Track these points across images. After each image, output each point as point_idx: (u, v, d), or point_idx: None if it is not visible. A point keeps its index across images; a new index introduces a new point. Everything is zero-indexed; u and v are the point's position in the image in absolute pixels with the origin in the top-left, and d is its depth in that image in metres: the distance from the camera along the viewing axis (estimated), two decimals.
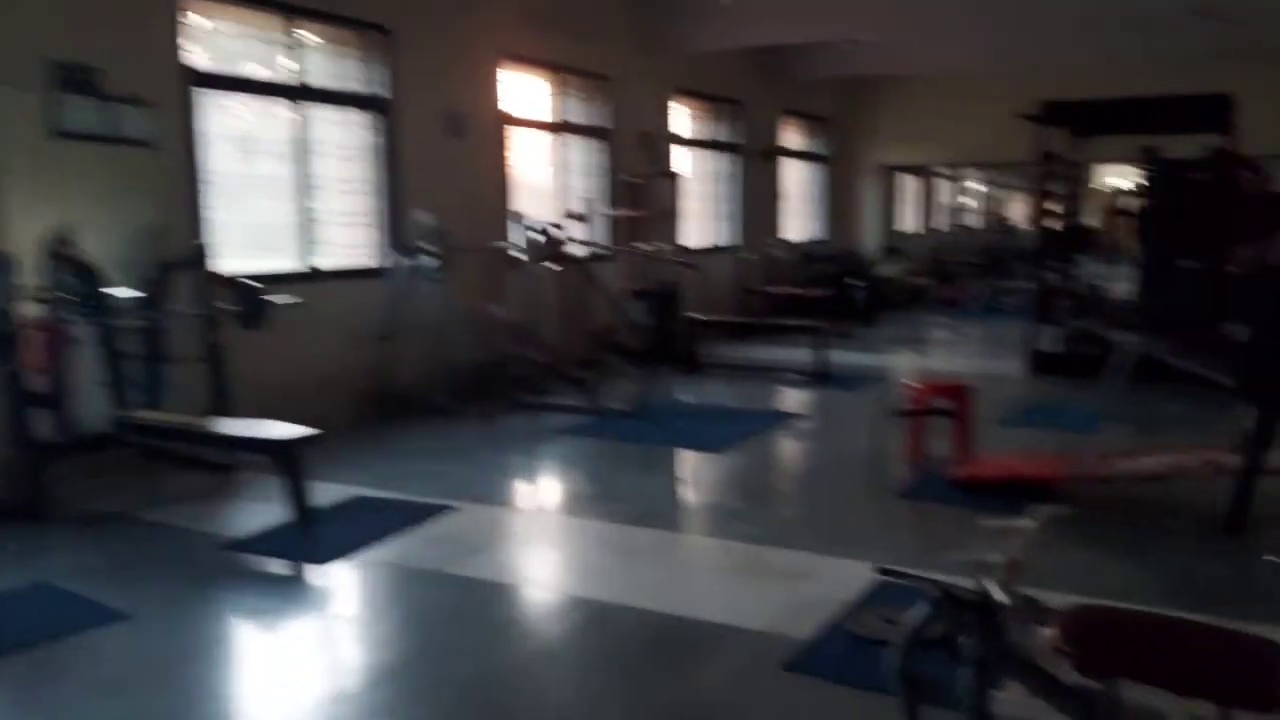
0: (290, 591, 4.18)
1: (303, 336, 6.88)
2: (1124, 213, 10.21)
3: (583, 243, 9.40)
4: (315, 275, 7.20)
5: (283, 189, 7.05)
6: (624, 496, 5.28)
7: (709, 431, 6.77)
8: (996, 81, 14.24)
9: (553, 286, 9.05)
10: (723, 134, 12.64)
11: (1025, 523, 3.30)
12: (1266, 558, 3.21)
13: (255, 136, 6.94)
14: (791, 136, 14.43)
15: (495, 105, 8.75)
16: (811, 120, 14.91)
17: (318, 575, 4.26)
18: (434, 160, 8.08)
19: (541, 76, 9.49)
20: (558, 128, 9.70)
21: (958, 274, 17.35)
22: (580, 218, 9.61)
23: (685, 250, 9.82)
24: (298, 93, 7.04)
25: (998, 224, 24.48)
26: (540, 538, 4.74)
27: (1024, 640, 2.53)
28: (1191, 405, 7.48)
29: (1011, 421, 7.04)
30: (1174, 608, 3.65)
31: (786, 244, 13.83)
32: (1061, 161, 8.85)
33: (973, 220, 25.67)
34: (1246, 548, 4.37)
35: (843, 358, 9.71)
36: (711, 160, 12.52)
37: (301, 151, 7.09)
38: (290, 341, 6.78)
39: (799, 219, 15.00)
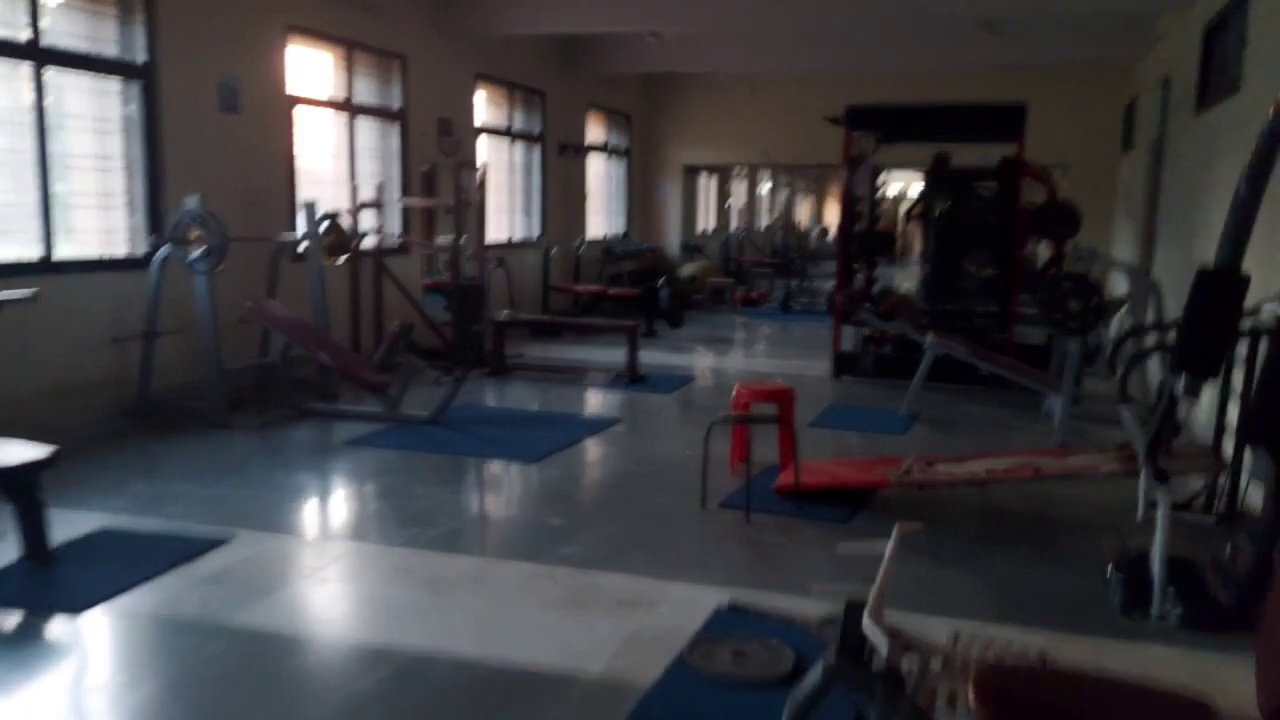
0: (22, 651, 3.38)
1: (39, 337, 5.88)
2: (916, 217, 10.56)
3: (376, 234, 8.69)
4: (56, 265, 6.17)
5: (17, 165, 5.99)
6: (431, 517, 4.73)
7: (522, 440, 6.29)
8: (798, 85, 14.54)
9: (343, 282, 8.30)
10: (525, 124, 12.16)
11: (882, 545, 3.07)
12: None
13: None
14: (595, 131, 14.13)
15: (280, 82, 7.89)
16: (615, 115, 14.68)
17: (59, 630, 3.48)
18: (205, 138, 7.17)
19: (331, 53, 8.68)
20: (348, 109, 8.91)
21: (753, 274, 17.65)
22: (373, 207, 8.89)
23: (488, 245, 9.25)
24: (35, 53, 5.99)
25: (788, 225, 25.21)
26: (335, 572, 4.12)
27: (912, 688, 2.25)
28: (987, 404, 7.71)
29: (821, 423, 6.99)
30: (1012, 623, 3.55)
31: (590, 241, 13.52)
32: (864, 165, 8.94)
33: (765, 221, 26.41)
34: (1070, 556, 4.37)
35: (652, 358, 9.49)
36: (513, 151, 12.01)
37: (40, 123, 6.04)
38: (22, 343, 5.78)
39: (602, 215, 14.74)
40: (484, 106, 11.19)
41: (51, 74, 6.13)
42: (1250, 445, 3.87)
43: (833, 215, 34.37)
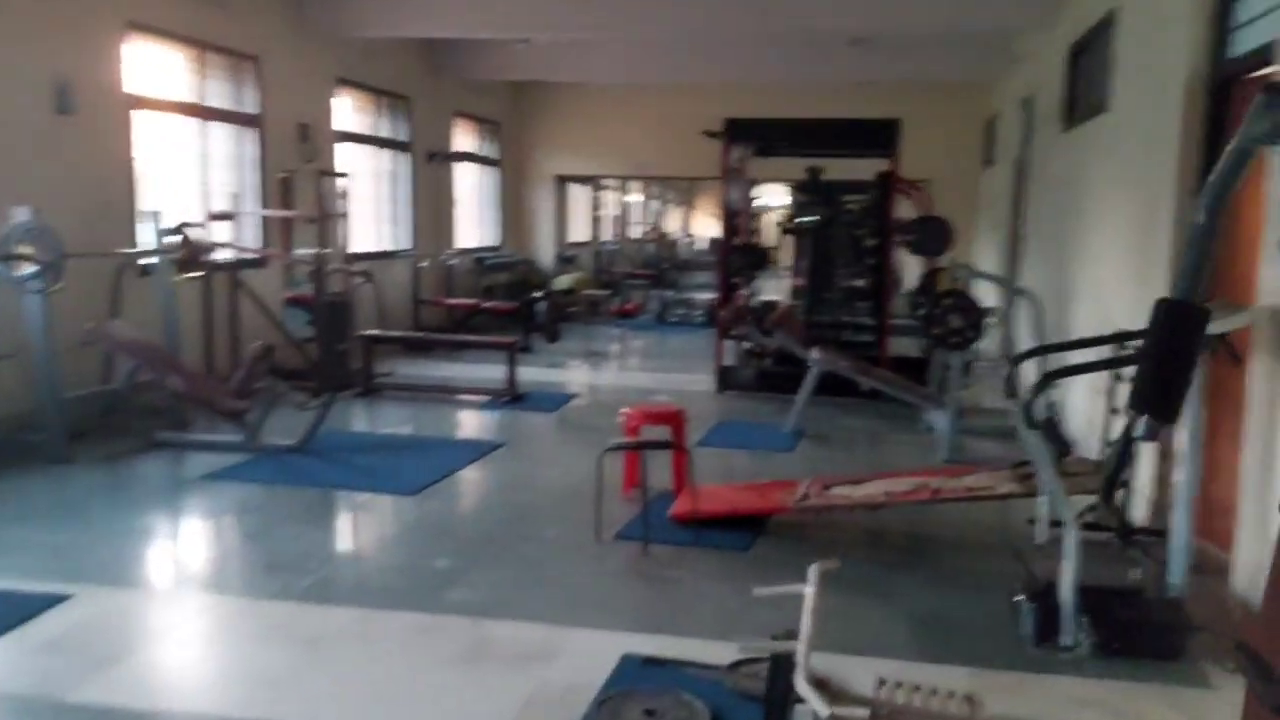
0: None
1: None
2: (791, 231, 10.59)
3: (230, 246, 8.10)
4: None
5: None
6: (302, 563, 4.32)
7: (398, 468, 5.90)
8: (670, 96, 14.46)
9: (195, 299, 7.69)
10: (390, 131, 11.66)
11: (798, 587, 2.90)
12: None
13: None
14: (464, 139, 13.71)
15: (119, 82, 7.24)
16: (484, 123, 14.29)
17: None
18: (33, 143, 6.49)
19: (178, 52, 8.04)
20: (198, 112, 8.28)
21: (626, 285, 17.51)
22: (226, 217, 8.30)
23: (354, 257, 8.77)
24: None
25: (660, 236, 25.27)
26: (193, 632, 3.68)
27: None
28: (868, 418, 7.73)
29: (709, 442, 6.82)
30: (929, 660, 3.44)
31: (461, 252, 13.10)
32: (743, 178, 8.89)
33: (635, 232, 26.35)
34: (972, 580, 4.32)
35: (531, 374, 9.18)
36: (379, 159, 11.49)
37: None
38: None
39: (472, 226, 14.31)
40: (348, 112, 10.65)
41: None
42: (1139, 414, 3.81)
43: (702, 226, 34.71)
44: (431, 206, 12.47)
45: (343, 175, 8.78)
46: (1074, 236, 7.09)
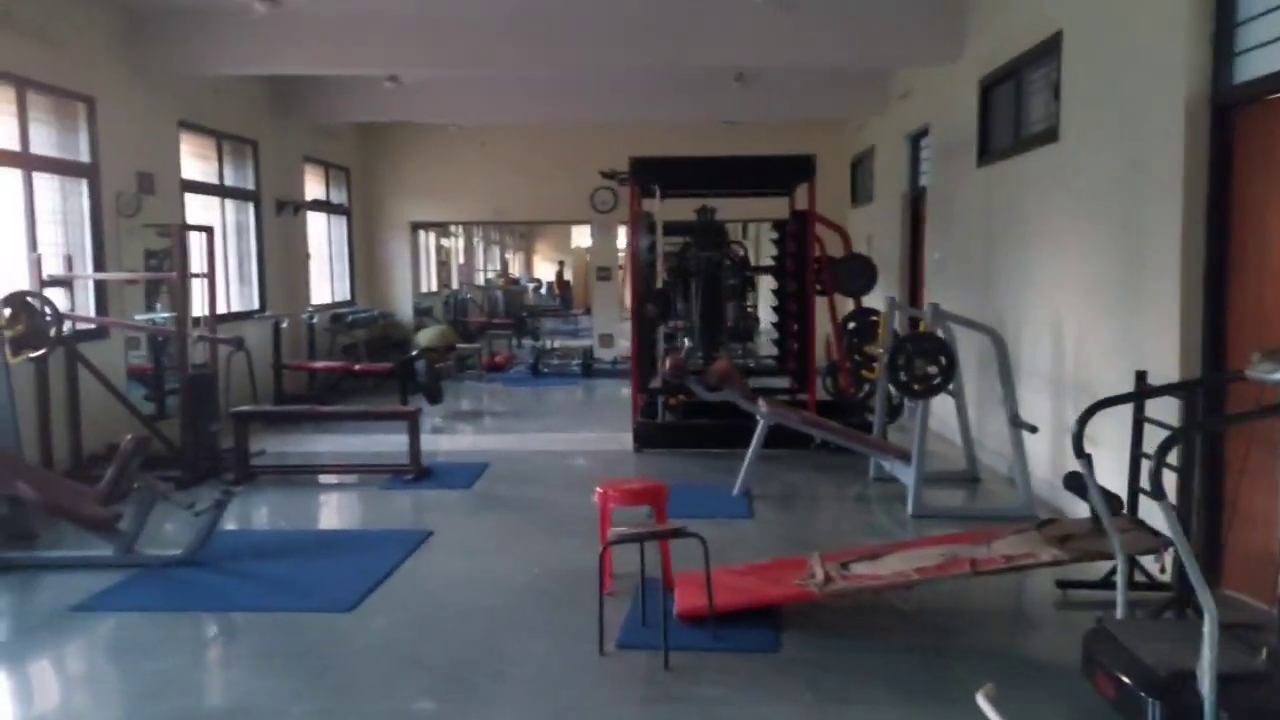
0: None
1: None
2: (681, 273, 10.09)
3: (78, 318, 6.88)
4: None
5: None
6: None
7: (318, 577, 4.94)
8: (528, 138, 13.86)
9: (28, 382, 6.44)
10: (236, 179, 10.48)
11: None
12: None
13: None
14: (313, 186, 12.59)
15: None
16: (333, 169, 13.21)
17: None
18: None
19: None
20: (21, 162, 7.02)
21: (485, 335, 16.65)
22: (61, 283, 7.06)
23: (213, 321, 7.65)
24: None
25: (507, 282, 24.45)
26: None
27: None
28: (807, 471, 7.28)
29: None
30: None
31: (318, 309, 11.96)
32: (647, 219, 8.36)
33: (479, 278, 25.42)
34: (1043, 667, 3.85)
35: (424, 443, 8.24)
36: (221, 211, 10.28)
37: None
38: None
39: (324, 280, 13.15)
40: (189, 160, 9.46)
41: None
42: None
43: (542, 270, 34.08)
44: (282, 260, 11.31)
45: (205, 229, 7.65)
46: (1010, 270, 6.92)
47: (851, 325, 8.11)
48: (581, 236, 31.77)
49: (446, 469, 7.40)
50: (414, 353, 10.45)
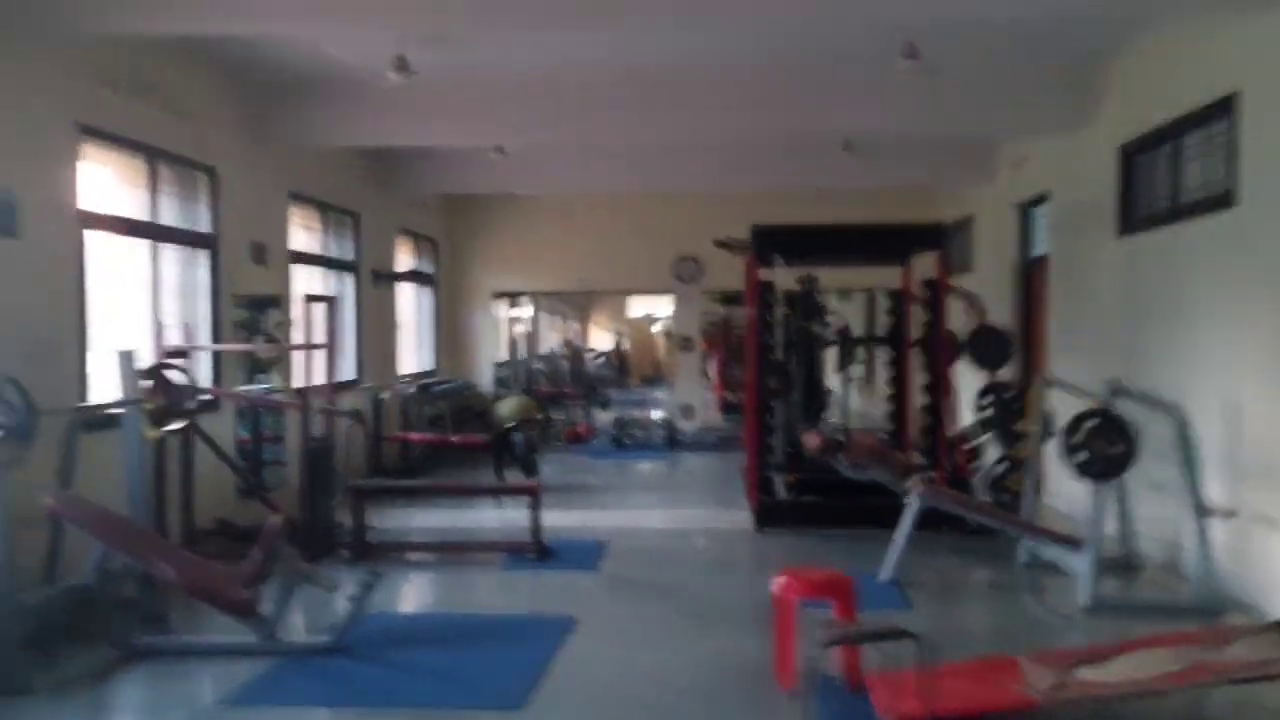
0: None
1: None
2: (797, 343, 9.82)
3: (203, 390, 6.77)
4: None
5: None
6: None
7: (473, 667, 4.66)
8: (611, 207, 13.77)
9: (149, 457, 6.27)
10: (338, 251, 10.45)
11: None
12: None
13: None
14: (404, 257, 12.58)
15: (70, 197, 5.96)
16: (421, 240, 13.21)
17: None
18: None
19: (129, 162, 6.78)
20: (150, 232, 6.99)
21: (558, 405, 16.44)
22: (182, 354, 6.96)
23: (332, 392, 7.50)
24: None
25: (572, 351, 24.31)
26: None
27: None
28: (948, 555, 6.90)
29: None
30: None
31: (411, 379, 11.85)
32: (770, 290, 8.12)
33: (543, 348, 25.33)
34: None
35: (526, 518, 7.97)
36: (325, 282, 10.23)
37: None
38: None
39: (410, 350, 13.06)
40: (296, 230, 9.44)
41: None
42: None
43: (598, 340, 33.97)
44: (376, 331, 11.24)
45: (328, 299, 7.55)
46: (1163, 344, 6.57)
47: (986, 400, 7.74)
48: (639, 306, 31.71)
49: (565, 548, 7.10)
50: (510, 424, 10.23)
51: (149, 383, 5.53)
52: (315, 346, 7.08)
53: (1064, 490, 7.60)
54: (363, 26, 6.40)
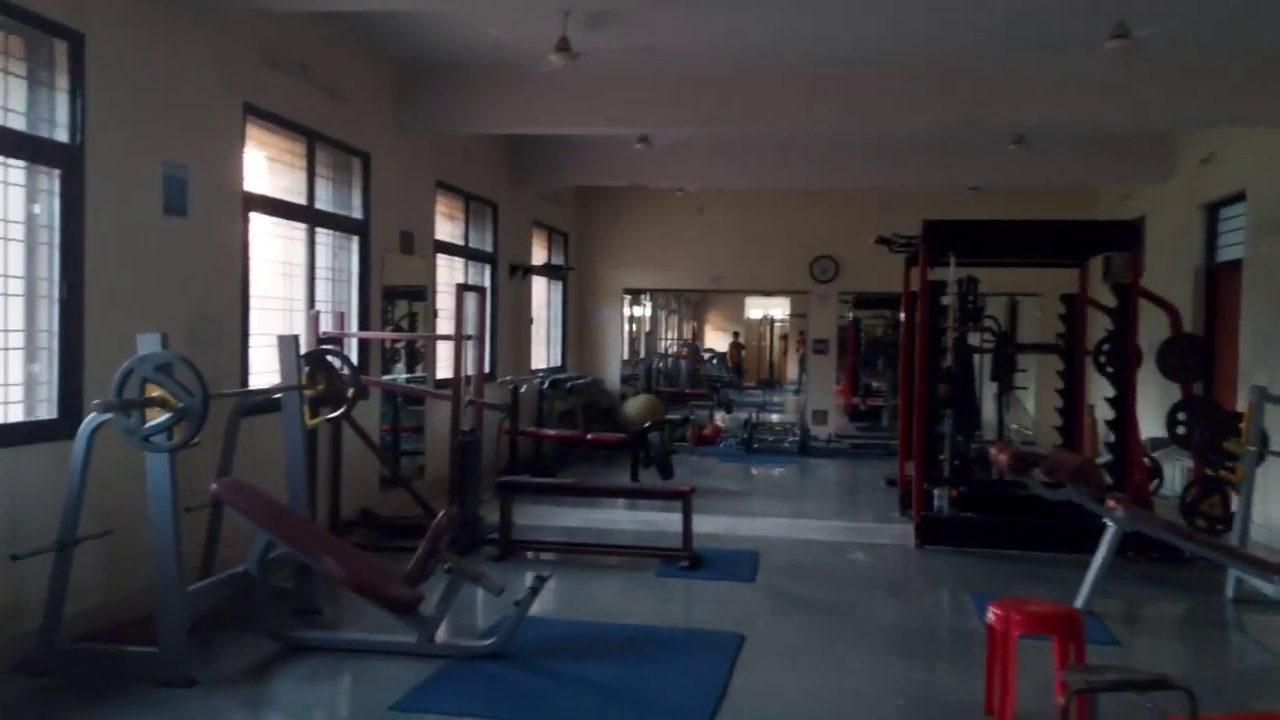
0: None
1: None
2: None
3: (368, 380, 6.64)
4: None
5: None
6: None
7: (647, 684, 4.33)
8: (740, 202, 13.35)
9: (312, 445, 6.16)
10: (478, 241, 10.32)
11: None
12: None
13: None
14: (539, 251, 12.42)
15: (236, 177, 5.89)
16: (554, 233, 13.04)
17: None
18: (141, 251, 5.07)
19: (288, 145, 6.71)
20: (309, 217, 6.91)
21: (691, 407, 16.11)
22: (333, 341, 6.85)
23: (481, 384, 7.31)
24: None
25: (690, 351, 23.94)
26: None
27: None
28: (1140, 585, 6.29)
29: None
30: None
31: (546, 374, 11.68)
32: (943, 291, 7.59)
33: (662, 347, 25.04)
34: None
35: (671, 523, 7.62)
36: (466, 272, 10.10)
37: None
38: None
39: (539, 345, 12.91)
40: (440, 220, 9.33)
41: None
42: None
43: (712, 340, 33.48)
44: (511, 325, 11.09)
45: (478, 289, 7.37)
46: None
47: (1181, 416, 7.07)
48: (757, 307, 31.16)
49: (717, 557, 6.74)
50: (646, 424, 9.93)
51: (308, 368, 5.38)
52: (467, 338, 6.87)
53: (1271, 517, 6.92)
54: (532, 2, 6.19)
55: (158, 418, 4.04)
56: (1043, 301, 11.28)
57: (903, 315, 8.86)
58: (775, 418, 16.27)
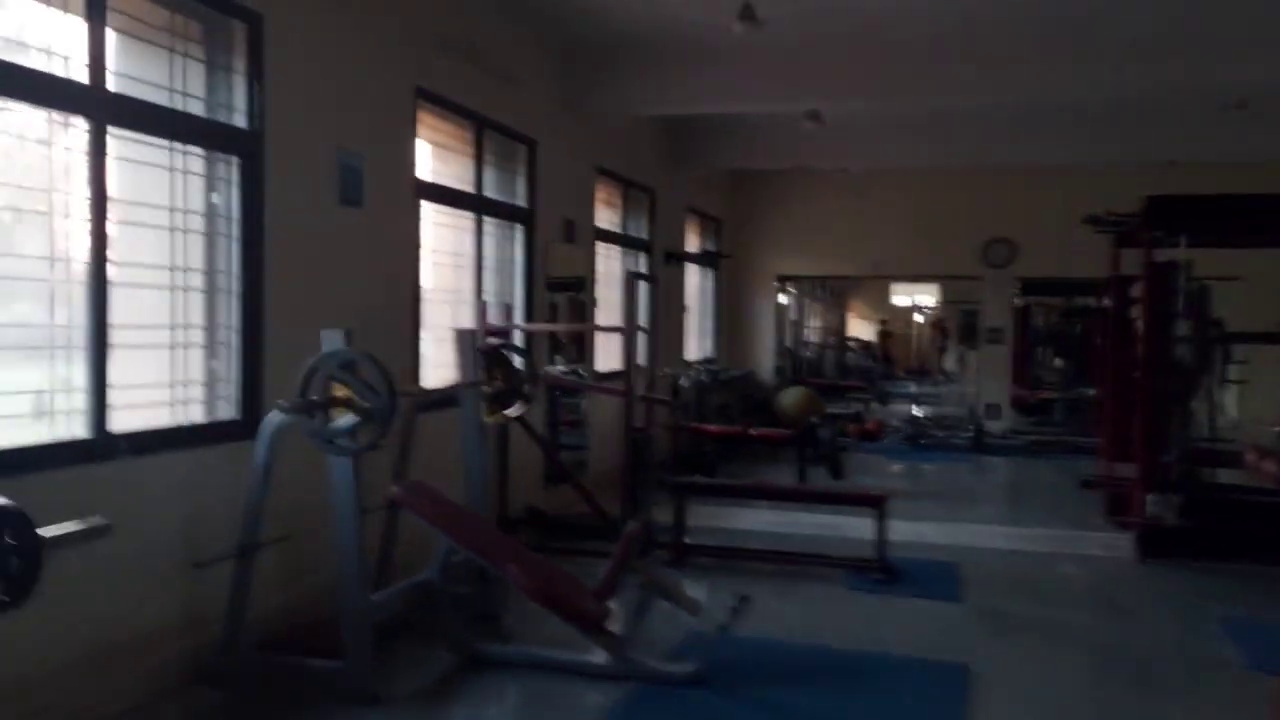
0: None
1: (70, 569, 3.38)
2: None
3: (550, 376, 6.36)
4: (106, 446, 3.73)
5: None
6: None
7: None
8: (902, 184, 12.56)
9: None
10: (633, 229, 9.95)
11: None
12: None
13: None
14: (691, 239, 11.98)
15: (409, 164, 5.66)
16: (706, 220, 12.57)
17: None
18: (316, 242, 4.86)
19: (456, 130, 6.47)
20: (477, 205, 6.66)
21: (850, 400, 15.41)
22: (500, 334, 6.56)
23: (652, 378, 6.93)
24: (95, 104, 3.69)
25: (840, 341, 23.10)
26: None
27: None
28: None
29: (1256, 662, 4.58)
30: None
31: (702, 365, 11.27)
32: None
33: (810, 336, 24.24)
34: None
35: (851, 527, 7.08)
36: (622, 261, 9.74)
37: (66, 203, 3.69)
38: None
39: (690, 335, 12.47)
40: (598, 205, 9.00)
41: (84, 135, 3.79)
42: None
43: (856, 329, 32.36)
44: (666, 315, 10.68)
45: (650, 278, 7.00)
46: None
47: None
48: (904, 294, 29.95)
49: (912, 568, 6.14)
50: (814, 419, 9.37)
51: (485, 364, 5.09)
52: (640, 329, 6.50)
53: None
54: None
55: (342, 418, 3.78)
56: (1243, 286, 10.14)
57: (1107, 301, 8.02)
58: (939, 411, 15.39)
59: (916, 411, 13.40)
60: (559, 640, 4.50)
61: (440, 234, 6.42)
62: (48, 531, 2.12)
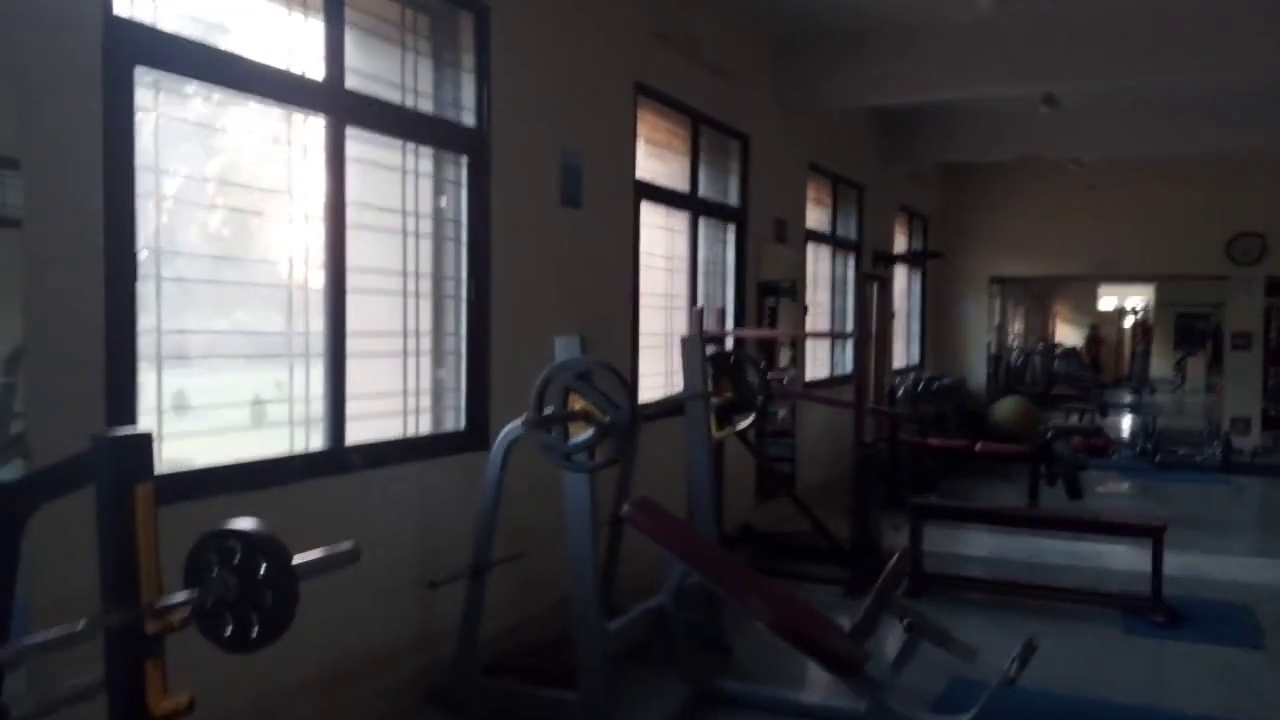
0: None
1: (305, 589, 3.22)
2: None
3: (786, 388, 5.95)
4: (342, 459, 3.58)
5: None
6: None
7: None
8: (1138, 174, 11.41)
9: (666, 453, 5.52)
10: (841, 228, 9.39)
11: None
12: None
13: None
14: (899, 238, 11.28)
15: (629, 163, 5.38)
16: (915, 218, 11.83)
17: None
18: (541, 246, 4.64)
19: (671, 126, 6.16)
20: (692, 205, 6.33)
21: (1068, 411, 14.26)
22: (714, 340, 6.18)
23: (882, 390, 6.38)
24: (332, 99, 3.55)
25: (1048, 346, 21.55)
26: None
27: None
28: None
29: None
30: None
31: (913, 372, 10.58)
32: None
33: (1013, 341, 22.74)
34: None
35: (1103, 557, 6.29)
36: (832, 263, 9.20)
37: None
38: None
39: (899, 341, 11.74)
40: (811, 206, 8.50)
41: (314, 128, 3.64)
42: None
43: (1062, 334, 30.28)
44: (874, 319, 10.03)
45: (881, 280, 6.48)
46: None
47: None
48: (1111, 297, 27.81)
49: (1195, 608, 5.35)
50: (1049, 433, 8.52)
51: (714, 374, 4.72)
52: (867, 335, 5.99)
53: None
54: None
55: (581, 433, 3.48)
56: None
57: None
58: (1173, 424, 13.98)
59: (1150, 425, 12.13)
60: (792, 676, 4.11)
61: (652, 235, 6.12)
62: (299, 559, 1.88)
